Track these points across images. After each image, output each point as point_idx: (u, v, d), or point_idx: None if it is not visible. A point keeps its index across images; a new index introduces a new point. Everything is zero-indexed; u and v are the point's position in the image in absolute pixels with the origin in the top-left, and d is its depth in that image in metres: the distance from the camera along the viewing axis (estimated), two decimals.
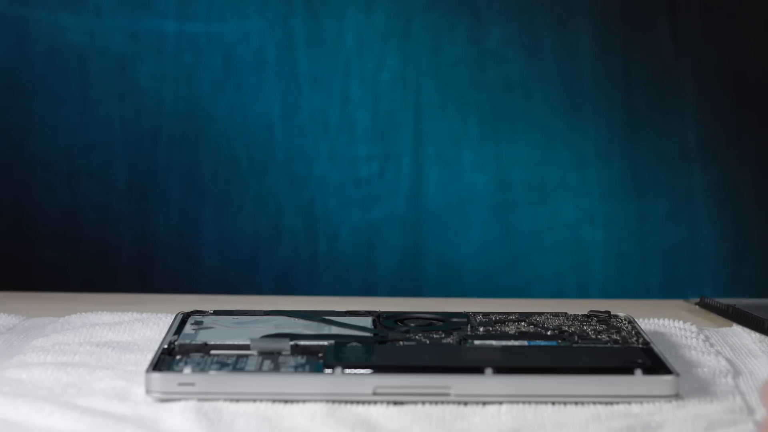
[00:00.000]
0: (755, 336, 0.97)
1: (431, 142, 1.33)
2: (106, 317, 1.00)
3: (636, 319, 0.92)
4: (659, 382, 0.77)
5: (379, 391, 0.77)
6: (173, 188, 1.33)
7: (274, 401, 0.77)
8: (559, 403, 0.77)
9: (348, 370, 0.77)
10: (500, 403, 0.77)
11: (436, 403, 0.77)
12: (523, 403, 0.77)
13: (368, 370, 0.78)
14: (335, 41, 1.32)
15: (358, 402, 0.77)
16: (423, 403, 0.77)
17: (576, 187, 1.33)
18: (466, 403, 0.77)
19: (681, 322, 1.00)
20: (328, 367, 0.78)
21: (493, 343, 0.84)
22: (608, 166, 1.33)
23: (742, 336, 0.98)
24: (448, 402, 0.77)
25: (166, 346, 0.83)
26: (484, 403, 0.77)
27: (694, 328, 0.98)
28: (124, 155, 1.33)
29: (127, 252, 1.34)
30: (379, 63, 1.33)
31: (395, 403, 0.77)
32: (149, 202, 1.33)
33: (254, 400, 0.77)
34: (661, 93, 1.33)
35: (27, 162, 1.33)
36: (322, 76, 1.33)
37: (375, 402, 0.77)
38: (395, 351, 0.82)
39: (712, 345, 0.94)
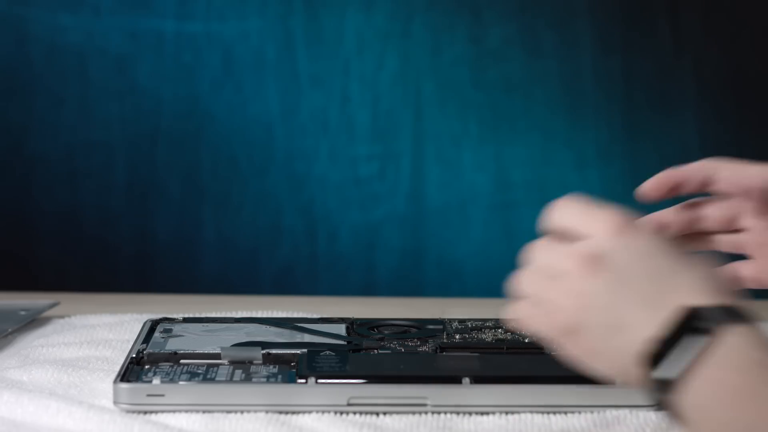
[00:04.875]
0: None
1: (431, 141, 1.33)
2: (106, 317, 1.00)
3: None
4: (635, 392, 0.75)
5: (353, 401, 0.75)
6: (173, 188, 1.33)
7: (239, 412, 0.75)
8: (539, 412, 0.76)
9: (322, 381, 0.76)
10: (507, 413, 0.76)
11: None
12: (507, 413, 0.76)
13: (342, 381, 0.76)
14: (335, 41, 1.32)
15: (334, 412, 0.75)
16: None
17: (577, 187, 1.32)
18: (470, 412, 0.76)
19: None
20: (302, 378, 0.76)
21: (469, 353, 0.82)
22: (609, 165, 1.33)
23: None
24: (427, 412, 0.75)
25: (134, 356, 0.80)
26: (486, 413, 0.76)
27: None
28: (124, 155, 1.33)
29: (127, 252, 1.34)
30: (379, 63, 1.33)
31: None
32: (149, 202, 1.33)
33: (225, 412, 0.75)
34: (661, 92, 1.33)
35: (26, 162, 1.32)
36: (322, 75, 1.32)
37: (350, 413, 0.75)
38: (370, 360, 0.80)
39: None
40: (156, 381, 0.75)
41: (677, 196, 0.79)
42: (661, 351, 0.58)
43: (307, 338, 0.85)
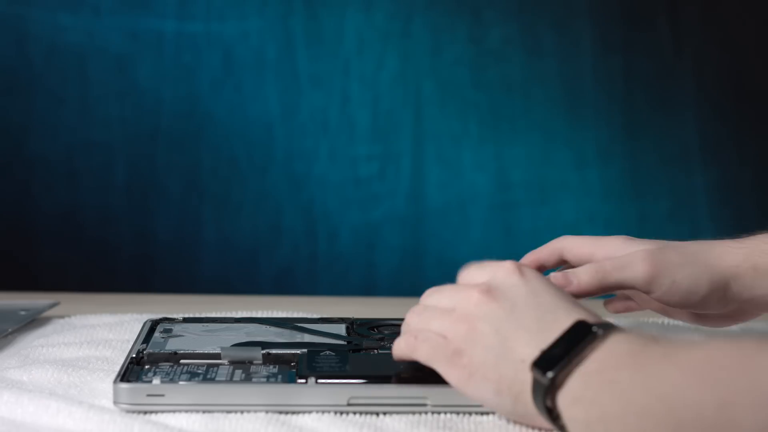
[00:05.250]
0: None
1: (431, 141, 1.33)
2: (106, 317, 1.00)
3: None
4: None
5: (353, 401, 0.75)
6: (173, 188, 1.33)
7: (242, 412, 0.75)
8: None
9: (322, 381, 0.75)
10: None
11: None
12: None
13: (342, 381, 0.76)
14: (335, 41, 1.32)
15: (334, 412, 0.75)
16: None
17: (576, 186, 1.33)
18: (470, 412, 0.76)
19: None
20: (302, 378, 0.76)
21: None
22: (609, 165, 1.33)
23: None
24: (427, 412, 0.75)
25: (134, 356, 0.80)
26: (486, 413, 0.76)
27: (693, 327, 0.98)
28: (124, 155, 1.33)
29: (126, 252, 1.34)
30: (379, 63, 1.33)
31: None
32: (149, 202, 1.33)
33: (225, 412, 0.75)
34: (661, 92, 1.33)
35: (26, 162, 1.32)
36: (322, 75, 1.32)
37: (351, 412, 0.75)
38: (370, 360, 0.80)
39: None
40: (156, 381, 0.75)
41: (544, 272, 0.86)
42: (546, 357, 0.64)
43: (307, 338, 0.85)
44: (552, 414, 0.64)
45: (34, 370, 0.83)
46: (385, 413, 0.75)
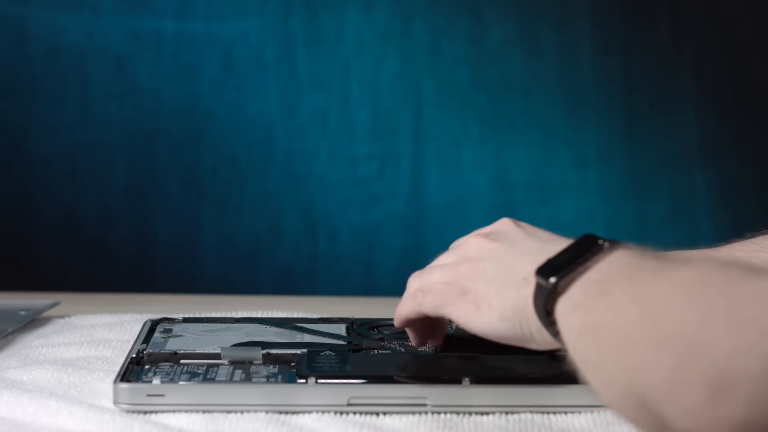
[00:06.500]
0: None
1: (431, 141, 1.33)
2: (106, 317, 1.00)
3: None
4: None
5: (353, 401, 0.75)
6: (173, 188, 1.33)
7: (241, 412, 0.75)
8: (539, 412, 0.76)
9: (322, 381, 0.75)
10: (507, 413, 0.76)
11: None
12: (507, 413, 0.76)
13: (342, 381, 0.75)
14: (335, 41, 1.32)
15: (334, 412, 0.75)
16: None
17: (576, 187, 1.33)
18: (470, 412, 0.76)
19: None
20: (302, 378, 0.75)
21: (469, 353, 0.81)
22: (609, 165, 1.33)
23: None
24: (427, 412, 0.75)
25: (134, 356, 0.80)
26: (486, 413, 0.76)
27: None
28: (124, 155, 1.33)
29: (126, 252, 1.34)
30: (379, 63, 1.33)
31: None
32: (149, 202, 1.33)
33: (225, 412, 0.74)
34: (662, 93, 1.33)
35: (26, 162, 1.32)
36: (322, 75, 1.32)
37: (351, 413, 0.75)
38: (370, 360, 0.80)
39: None
40: (156, 381, 0.75)
41: None
42: (551, 264, 0.65)
43: (307, 338, 0.85)
44: (549, 319, 0.65)
45: (34, 370, 0.83)
46: (385, 413, 0.75)
